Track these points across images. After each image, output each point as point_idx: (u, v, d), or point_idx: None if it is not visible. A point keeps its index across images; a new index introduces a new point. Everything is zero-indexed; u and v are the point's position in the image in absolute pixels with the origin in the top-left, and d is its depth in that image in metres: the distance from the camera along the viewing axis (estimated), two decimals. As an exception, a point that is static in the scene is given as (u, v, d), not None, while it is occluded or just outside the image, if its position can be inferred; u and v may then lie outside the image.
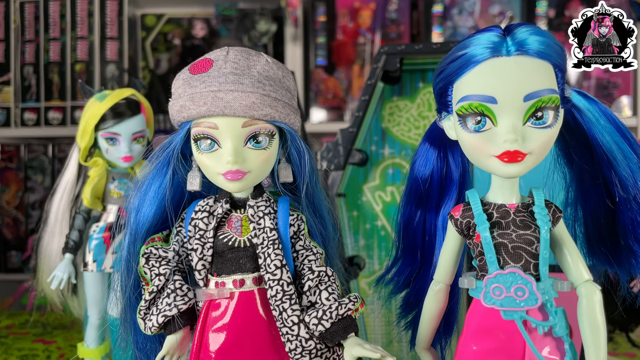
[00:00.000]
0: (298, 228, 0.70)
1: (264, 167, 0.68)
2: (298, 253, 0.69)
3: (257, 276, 0.68)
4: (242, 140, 0.65)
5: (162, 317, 0.67)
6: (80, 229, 1.12)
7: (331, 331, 0.65)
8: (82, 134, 1.10)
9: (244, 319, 0.68)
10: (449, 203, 0.70)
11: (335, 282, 0.68)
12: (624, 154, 0.63)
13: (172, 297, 0.68)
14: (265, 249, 0.67)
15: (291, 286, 0.66)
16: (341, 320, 0.65)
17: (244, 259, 0.68)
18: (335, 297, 0.66)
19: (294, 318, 0.65)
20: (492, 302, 0.61)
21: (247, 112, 0.64)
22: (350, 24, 1.99)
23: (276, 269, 0.66)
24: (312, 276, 0.68)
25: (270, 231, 0.67)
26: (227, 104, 0.63)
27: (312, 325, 0.65)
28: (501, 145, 0.58)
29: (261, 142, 0.66)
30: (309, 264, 0.68)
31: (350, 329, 0.65)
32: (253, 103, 0.64)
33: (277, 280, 0.66)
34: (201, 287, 0.69)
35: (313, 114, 1.97)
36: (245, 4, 2.03)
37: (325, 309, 0.65)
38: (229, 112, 0.63)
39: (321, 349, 0.67)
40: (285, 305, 0.66)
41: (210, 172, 0.67)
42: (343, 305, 0.66)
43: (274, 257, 0.66)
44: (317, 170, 0.72)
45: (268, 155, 0.67)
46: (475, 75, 0.59)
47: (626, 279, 0.68)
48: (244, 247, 0.68)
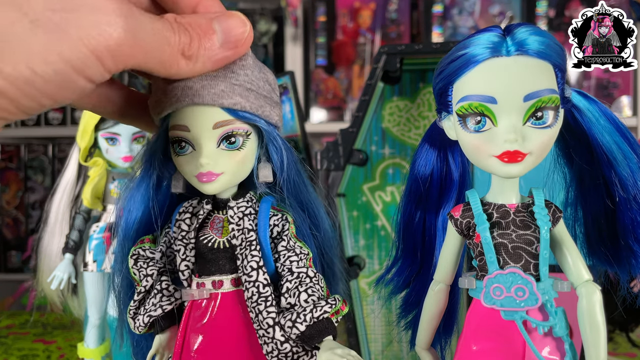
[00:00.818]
0: (282, 228, 0.69)
1: (239, 168, 0.66)
2: (280, 254, 0.68)
3: (236, 277, 0.68)
4: (214, 141, 0.64)
5: (148, 317, 0.68)
6: (80, 229, 1.12)
7: (306, 334, 0.63)
8: (82, 134, 1.11)
9: (224, 320, 0.68)
10: (449, 203, 0.70)
11: (318, 284, 0.66)
12: (624, 154, 0.63)
13: (157, 298, 0.68)
14: (243, 250, 0.66)
15: (267, 288, 0.65)
16: (317, 323, 0.63)
17: (223, 260, 0.68)
18: (314, 299, 0.65)
19: (269, 320, 0.64)
20: (492, 302, 0.61)
21: (216, 99, 0.62)
22: (350, 24, 1.99)
23: (252, 271, 0.65)
24: (290, 277, 0.66)
25: (248, 232, 0.67)
26: (195, 92, 0.61)
27: (287, 328, 0.64)
28: (501, 145, 0.58)
29: (234, 142, 0.65)
30: (290, 265, 0.67)
31: (326, 332, 0.64)
32: (222, 91, 0.62)
33: (252, 282, 0.65)
34: (185, 287, 0.69)
35: (313, 114, 1.97)
36: (245, 4, 2.03)
37: (300, 311, 0.64)
38: (198, 101, 0.61)
39: (298, 352, 0.65)
40: (260, 307, 0.65)
41: (187, 174, 0.67)
42: (319, 308, 0.64)
43: (251, 259, 0.66)
44: (303, 168, 0.71)
45: (243, 155, 0.66)
46: (475, 76, 0.59)
47: (626, 279, 0.68)
48: (223, 248, 0.68)
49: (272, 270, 0.67)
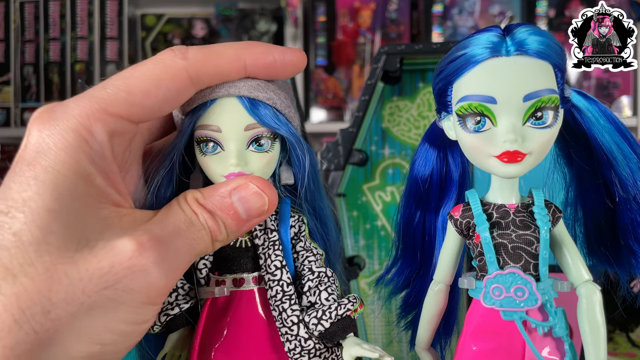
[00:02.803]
0: (299, 229, 0.70)
1: (266, 170, 0.68)
2: (298, 254, 0.70)
3: (257, 276, 0.69)
4: (244, 143, 0.66)
5: (165, 316, 0.68)
6: (80, 229, 1.12)
7: (330, 331, 0.65)
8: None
9: (243, 318, 0.68)
10: (448, 203, 0.70)
11: (334, 283, 0.68)
12: (624, 154, 0.63)
13: (173, 297, 0.68)
14: (266, 249, 0.67)
15: (291, 286, 0.66)
16: (340, 320, 0.65)
17: (245, 259, 0.69)
18: (334, 298, 0.67)
19: (293, 318, 0.66)
20: (491, 302, 0.61)
21: (252, 91, 0.64)
22: (350, 24, 1.99)
23: (276, 270, 0.66)
24: (312, 277, 0.68)
25: (271, 232, 0.68)
26: (232, 84, 0.64)
27: (312, 325, 0.66)
28: (501, 145, 0.58)
29: (263, 145, 0.67)
30: (309, 265, 0.69)
31: (349, 329, 0.66)
32: (258, 84, 0.65)
33: (277, 280, 0.66)
34: (202, 285, 0.69)
35: (313, 114, 1.97)
36: (245, 4, 2.03)
37: (324, 309, 0.66)
38: (234, 92, 0.64)
39: (320, 349, 0.67)
40: (285, 305, 0.66)
41: (214, 174, 0.68)
42: (342, 306, 0.66)
43: (274, 258, 0.67)
44: (319, 173, 0.72)
45: (270, 158, 0.68)
46: (474, 76, 0.59)
47: (626, 279, 0.68)
48: (245, 247, 0.69)
49: (292, 270, 0.69)
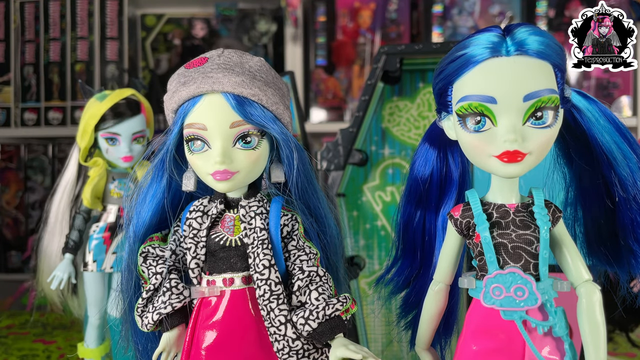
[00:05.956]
0: (292, 228, 0.70)
1: (253, 168, 0.68)
2: (290, 253, 0.70)
3: (247, 275, 0.69)
4: (230, 140, 0.66)
5: (157, 315, 0.68)
6: (80, 229, 1.12)
7: (318, 331, 0.65)
8: (82, 134, 1.10)
9: (234, 318, 0.68)
10: (448, 203, 0.70)
11: (327, 283, 0.68)
12: (624, 154, 0.63)
13: (167, 296, 0.69)
14: (255, 248, 0.67)
15: (279, 286, 0.66)
16: (328, 320, 0.65)
17: (235, 258, 0.69)
18: (324, 298, 0.66)
19: (281, 318, 0.66)
20: (491, 302, 0.61)
21: (236, 88, 0.64)
22: (350, 24, 1.98)
23: (264, 269, 0.66)
24: (302, 276, 0.68)
25: (260, 231, 0.68)
26: (216, 80, 0.64)
27: (300, 325, 0.65)
28: (501, 145, 0.58)
29: (250, 142, 0.67)
30: (300, 264, 0.68)
31: (338, 330, 0.65)
32: (242, 81, 0.65)
33: (264, 279, 0.66)
34: (195, 285, 0.69)
35: (313, 114, 1.97)
36: (245, 4, 2.03)
37: (312, 309, 0.65)
38: (218, 88, 0.64)
39: (308, 349, 0.67)
40: (272, 305, 0.66)
41: (201, 172, 0.68)
42: (331, 306, 0.65)
43: (263, 257, 0.67)
44: (312, 170, 0.72)
45: (257, 155, 0.67)
46: (474, 76, 0.59)
47: (626, 279, 0.68)
48: (235, 246, 0.69)
49: (282, 269, 0.69)
